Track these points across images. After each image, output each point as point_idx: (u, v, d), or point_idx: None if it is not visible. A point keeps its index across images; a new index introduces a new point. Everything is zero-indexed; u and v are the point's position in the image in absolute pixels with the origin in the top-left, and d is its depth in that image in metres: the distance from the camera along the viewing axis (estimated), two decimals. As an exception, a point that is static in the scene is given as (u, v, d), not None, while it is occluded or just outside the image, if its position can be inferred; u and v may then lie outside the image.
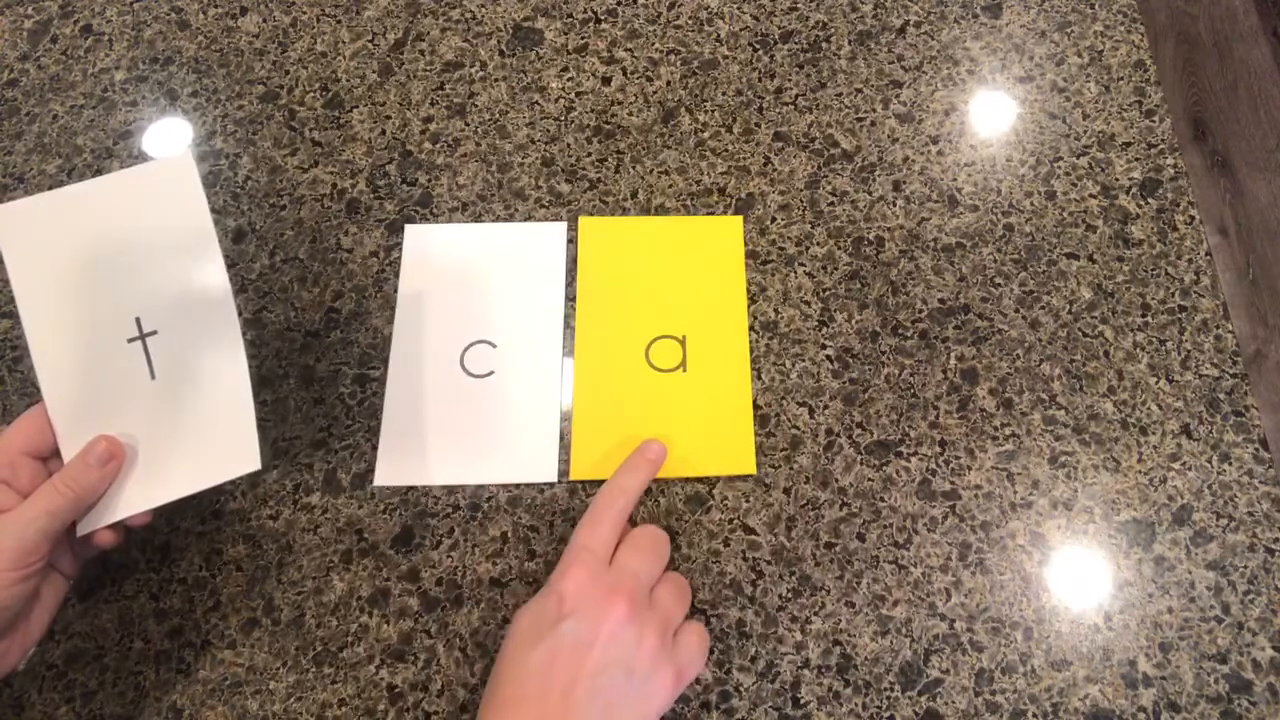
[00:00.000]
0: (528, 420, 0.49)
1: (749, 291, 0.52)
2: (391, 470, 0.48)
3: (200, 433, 0.42)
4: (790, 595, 0.45)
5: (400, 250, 0.53)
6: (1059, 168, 0.55)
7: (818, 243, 0.53)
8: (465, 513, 0.47)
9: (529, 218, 0.54)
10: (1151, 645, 0.44)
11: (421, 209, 0.55)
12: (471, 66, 0.59)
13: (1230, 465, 0.48)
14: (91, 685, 0.44)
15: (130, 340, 0.42)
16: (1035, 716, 0.43)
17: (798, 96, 0.58)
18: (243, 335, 0.42)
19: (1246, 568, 0.45)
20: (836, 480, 0.48)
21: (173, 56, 0.60)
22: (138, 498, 0.41)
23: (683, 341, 0.51)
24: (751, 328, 0.51)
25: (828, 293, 0.52)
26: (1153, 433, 0.49)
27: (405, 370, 0.50)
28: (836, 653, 0.44)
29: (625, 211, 0.55)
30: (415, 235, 0.54)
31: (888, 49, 0.59)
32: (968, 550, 0.46)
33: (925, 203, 0.54)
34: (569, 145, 0.56)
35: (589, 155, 0.56)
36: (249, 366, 0.42)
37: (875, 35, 0.60)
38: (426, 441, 0.49)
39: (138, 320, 0.42)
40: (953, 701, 0.43)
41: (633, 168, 0.56)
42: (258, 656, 0.45)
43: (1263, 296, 1.28)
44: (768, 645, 0.45)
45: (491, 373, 0.51)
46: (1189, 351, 0.50)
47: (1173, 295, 0.52)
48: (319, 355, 0.51)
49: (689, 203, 0.55)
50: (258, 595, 0.46)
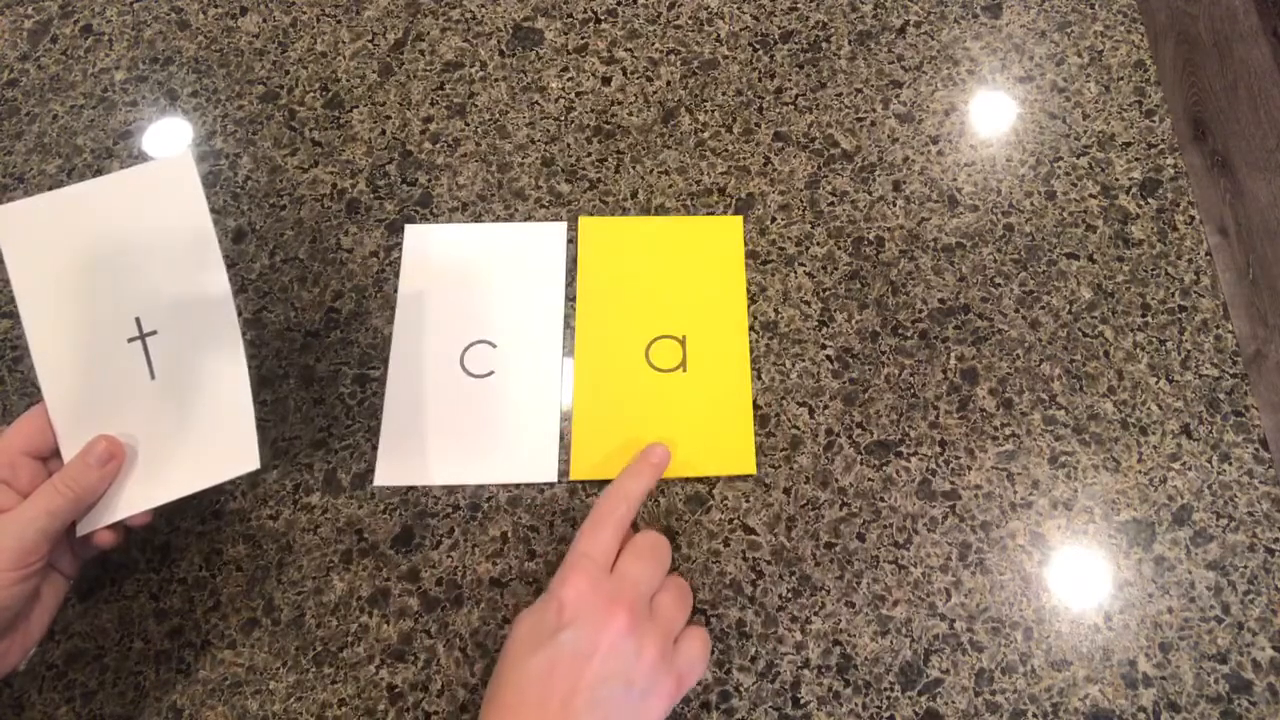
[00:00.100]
0: (528, 420, 0.49)
1: (749, 291, 0.52)
2: (391, 470, 0.48)
3: (200, 433, 0.42)
4: (790, 595, 0.45)
5: (400, 250, 0.53)
6: (1059, 168, 0.55)
7: (818, 243, 0.53)
8: (465, 513, 0.47)
9: (529, 218, 0.54)
10: (1151, 645, 0.44)
11: (421, 209, 0.55)
12: (471, 66, 0.59)
13: (1230, 465, 0.48)
14: (91, 685, 0.44)
15: (130, 340, 0.42)
16: (1035, 716, 0.43)
17: (798, 96, 0.58)
18: (243, 335, 0.42)
19: (1246, 568, 0.45)
20: (836, 480, 0.48)
21: (173, 56, 0.60)
22: (138, 498, 0.41)
23: (683, 341, 0.51)
24: (751, 328, 0.51)
25: (828, 293, 0.52)
26: (1153, 433, 0.49)
27: (405, 370, 0.50)
28: (836, 653, 0.44)
29: (625, 211, 0.55)
30: (415, 235, 0.54)
31: (888, 49, 0.59)
32: (968, 550, 0.46)
33: (925, 203, 0.54)
34: (569, 145, 0.56)
35: (589, 155, 0.56)
36: (249, 366, 0.42)
37: (875, 35, 0.60)
38: (426, 441, 0.49)
39: (138, 320, 0.42)
40: (953, 701, 0.43)
41: (633, 168, 0.56)
42: (258, 656, 0.45)
43: (1263, 296, 1.28)
44: (768, 645, 0.45)
45: (491, 373, 0.51)
46: (1189, 351, 0.50)
47: (1173, 295, 0.52)
48: (319, 355, 0.51)
49: (689, 203, 0.55)
50: (258, 595, 0.46)
